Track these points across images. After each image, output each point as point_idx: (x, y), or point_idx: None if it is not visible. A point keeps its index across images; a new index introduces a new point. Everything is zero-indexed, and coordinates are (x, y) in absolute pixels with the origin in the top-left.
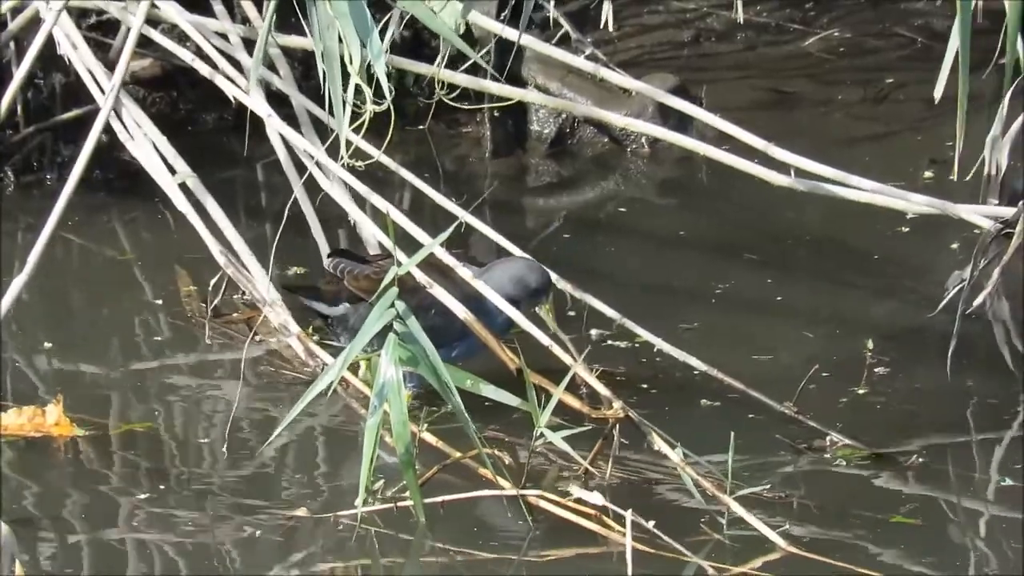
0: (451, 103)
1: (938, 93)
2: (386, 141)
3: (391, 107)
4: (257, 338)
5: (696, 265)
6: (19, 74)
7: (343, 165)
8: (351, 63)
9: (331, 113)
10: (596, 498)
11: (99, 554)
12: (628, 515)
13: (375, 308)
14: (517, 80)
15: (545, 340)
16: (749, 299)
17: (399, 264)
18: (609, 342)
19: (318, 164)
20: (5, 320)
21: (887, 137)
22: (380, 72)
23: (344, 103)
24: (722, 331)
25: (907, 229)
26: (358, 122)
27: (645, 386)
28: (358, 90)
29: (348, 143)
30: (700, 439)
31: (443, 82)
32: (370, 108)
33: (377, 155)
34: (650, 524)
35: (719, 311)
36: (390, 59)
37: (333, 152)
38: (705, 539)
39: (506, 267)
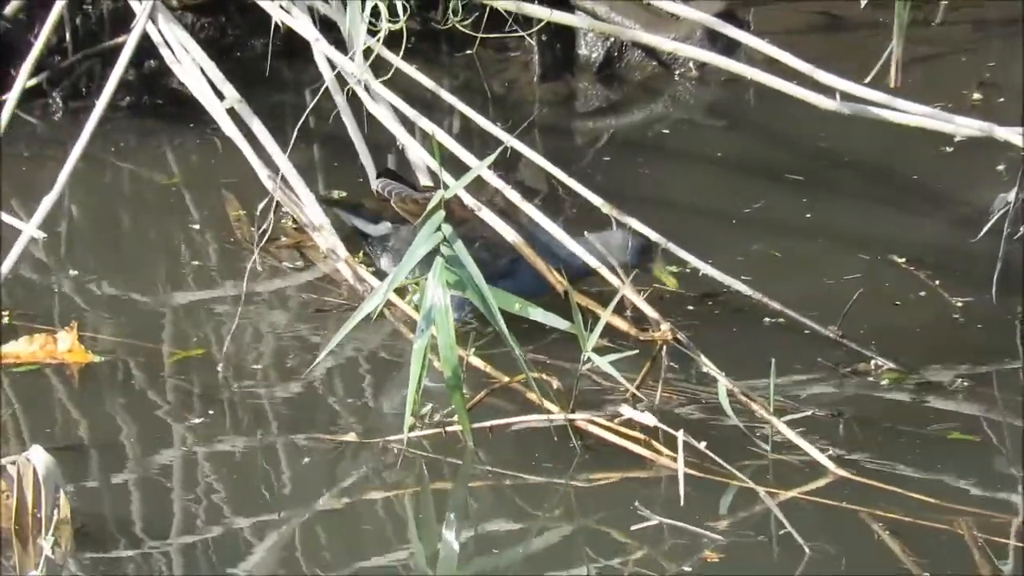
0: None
1: None
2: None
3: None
4: (305, 263)
5: (740, 187)
6: None
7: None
8: None
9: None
10: (648, 419)
11: (148, 479)
12: (680, 436)
13: (422, 231)
14: (565, 4)
15: (593, 263)
16: (792, 221)
17: (446, 187)
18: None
19: (366, 88)
20: (53, 244)
21: (935, 59)
22: None
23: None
24: (767, 254)
25: (951, 150)
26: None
27: (691, 308)
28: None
29: (368, 51)
30: (751, 362)
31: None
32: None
33: (396, 62)
34: (702, 445)
35: (763, 233)
36: None
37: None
38: (755, 463)
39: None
